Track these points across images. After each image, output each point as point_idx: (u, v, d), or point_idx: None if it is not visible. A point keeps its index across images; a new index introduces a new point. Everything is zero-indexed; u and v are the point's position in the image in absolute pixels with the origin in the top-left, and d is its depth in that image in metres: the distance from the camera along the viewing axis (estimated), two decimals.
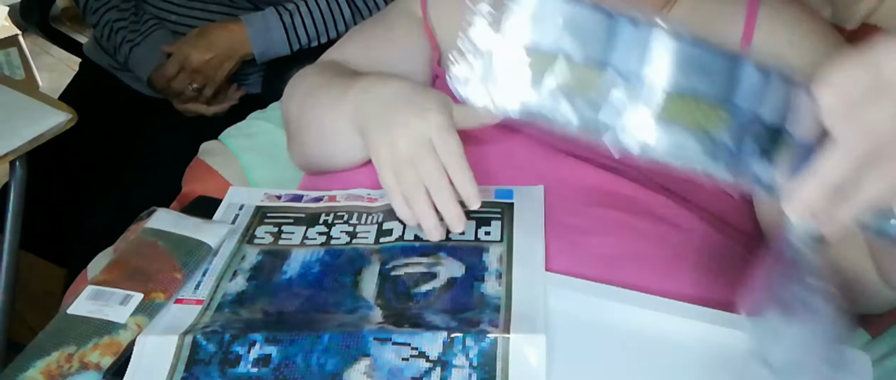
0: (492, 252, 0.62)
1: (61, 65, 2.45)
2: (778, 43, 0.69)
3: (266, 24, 1.23)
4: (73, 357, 0.55)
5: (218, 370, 0.54)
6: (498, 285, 0.59)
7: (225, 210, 0.71)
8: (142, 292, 0.59)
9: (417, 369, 0.53)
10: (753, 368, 0.45)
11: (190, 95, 1.26)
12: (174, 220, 0.67)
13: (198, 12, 1.28)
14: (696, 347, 0.55)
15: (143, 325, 0.57)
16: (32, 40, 2.30)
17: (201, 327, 0.57)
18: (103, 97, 1.34)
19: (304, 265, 0.63)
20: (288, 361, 0.54)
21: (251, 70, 1.34)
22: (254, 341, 0.55)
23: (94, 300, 0.59)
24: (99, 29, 1.29)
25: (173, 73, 1.23)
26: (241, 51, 1.24)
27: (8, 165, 1.01)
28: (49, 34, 1.54)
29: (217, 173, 0.90)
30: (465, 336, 0.53)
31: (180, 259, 0.63)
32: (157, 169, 1.17)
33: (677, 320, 0.57)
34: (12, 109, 1.01)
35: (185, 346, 0.55)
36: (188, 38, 1.24)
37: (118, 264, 0.63)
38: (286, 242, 0.66)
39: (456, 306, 0.57)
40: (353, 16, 1.24)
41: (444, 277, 0.60)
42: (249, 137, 0.96)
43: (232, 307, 0.59)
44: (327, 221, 0.68)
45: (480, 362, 0.52)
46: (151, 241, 0.65)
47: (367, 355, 0.53)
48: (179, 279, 0.61)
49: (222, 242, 0.66)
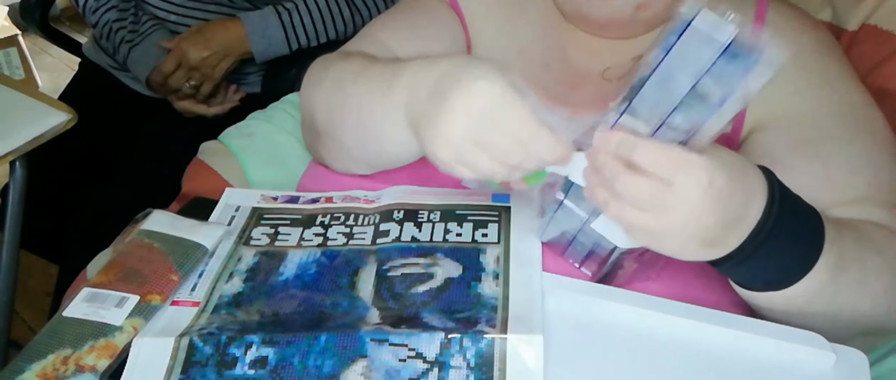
0: (489, 253, 0.62)
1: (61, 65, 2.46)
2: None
3: (265, 23, 1.23)
4: (69, 360, 0.55)
5: (214, 372, 0.53)
6: (495, 286, 0.59)
7: (221, 211, 0.71)
8: (138, 294, 0.59)
9: (415, 369, 0.52)
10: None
11: (187, 92, 1.26)
12: (170, 221, 0.67)
13: (197, 13, 1.27)
14: (693, 346, 0.55)
15: (140, 327, 0.57)
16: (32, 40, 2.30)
17: (198, 328, 0.57)
18: (103, 97, 1.34)
19: (300, 266, 0.63)
20: (285, 362, 0.54)
21: (251, 70, 1.34)
22: (250, 342, 0.55)
23: (90, 303, 0.59)
24: (98, 29, 1.29)
25: (171, 70, 1.23)
26: (239, 49, 1.24)
27: (8, 165, 1.01)
28: (49, 34, 1.54)
29: (216, 173, 0.90)
30: (462, 337, 0.53)
31: (176, 261, 0.63)
32: (157, 169, 1.17)
33: (673, 319, 0.56)
34: (12, 108, 1.01)
35: (182, 348, 0.55)
36: (186, 35, 1.24)
37: (114, 266, 0.62)
38: (283, 244, 0.66)
39: (453, 307, 0.57)
40: (351, 15, 1.24)
41: (441, 278, 0.60)
42: (249, 137, 0.95)
43: (228, 309, 0.59)
44: (324, 222, 0.68)
45: (478, 363, 0.52)
46: (147, 243, 0.65)
47: (364, 356, 0.53)
48: (175, 281, 0.61)
49: (218, 243, 0.66)
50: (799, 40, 0.70)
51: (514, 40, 0.77)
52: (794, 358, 0.55)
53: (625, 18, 0.70)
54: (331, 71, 0.70)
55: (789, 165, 0.64)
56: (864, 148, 0.66)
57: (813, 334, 0.56)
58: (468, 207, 0.67)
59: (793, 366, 0.54)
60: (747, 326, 0.56)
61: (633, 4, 0.68)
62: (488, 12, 0.79)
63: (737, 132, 0.70)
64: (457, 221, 0.66)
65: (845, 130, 0.66)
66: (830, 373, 0.54)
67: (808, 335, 0.55)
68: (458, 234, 0.65)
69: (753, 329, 0.56)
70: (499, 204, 0.68)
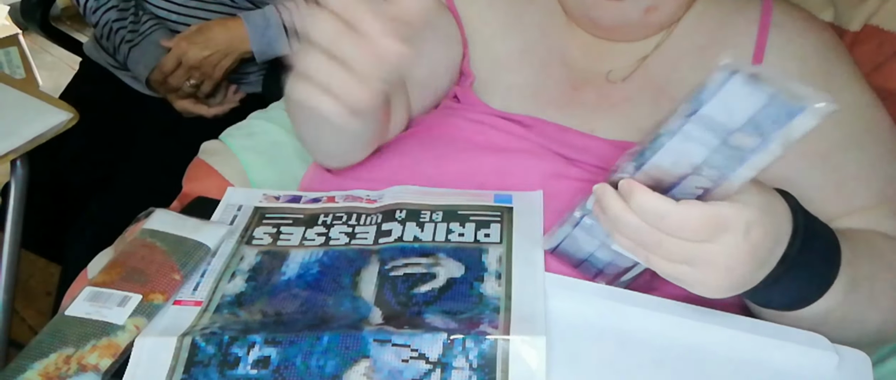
0: (491, 253, 0.62)
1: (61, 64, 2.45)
2: (791, 54, 0.69)
3: (265, 22, 1.23)
4: (71, 359, 0.55)
5: (217, 372, 0.53)
6: (497, 286, 0.59)
7: (223, 211, 0.71)
8: (140, 293, 0.59)
9: (417, 370, 0.52)
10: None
11: (187, 91, 1.26)
12: (172, 220, 0.67)
13: (198, 12, 1.27)
14: (695, 347, 0.55)
15: (142, 326, 0.57)
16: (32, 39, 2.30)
17: (200, 328, 0.57)
18: (103, 97, 1.34)
19: (302, 266, 0.63)
20: (287, 362, 0.53)
21: (251, 69, 1.34)
22: (253, 342, 0.54)
23: (92, 302, 0.59)
24: (98, 29, 1.29)
25: (171, 68, 1.23)
26: (239, 48, 1.24)
27: (8, 165, 1.01)
28: (49, 33, 1.54)
29: (217, 173, 0.90)
30: (465, 338, 0.53)
31: (179, 260, 0.62)
32: (157, 168, 1.17)
33: (676, 320, 0.56)
34: (12, 108, 1.01)
35: (184, 347, 0.55)
36: (187, 33, 1.24)
37: (116, 265, 0.62)
38: (285, 243, 0.66)
39: (455, 307, 0.57)
40: None
41: (444, 278, 0.60)
42: (250, 136, 0.95)
43: (231, 308, 0.59)
44: (326, 222, 0.68)
45: (480, 364, 0.52)
46: (150, 242, 0.64)
47: (366, 356, 0.53)
48: (178, 280, 0.61)
49: (221, 242, 0.66)
50: (804, 42, 0.70)
51: (514, 41, 0.77)
52: (797, 359, 0.54)
53: (634, 22, 0.70)
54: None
55: (797, 174, 0.64)
56: (872, 156, 0.66)
57: (815, 334, 0.56)
58: (470, 207, 0.67)
59: (795, 367, 0.54)
60: (750, 327, 0.56)
61: (643, 8, 0.68)
62: (486, 13, 0.78)
63: None
64: (459, 222, 0.66)
65: (853, 137, 0.66)
66: (833, 374, 0.54)
67: (811, 336, 0.55)
68: (460, 234, 0.64)
69: (756, 330, 0.56)
70: (501, 204, 0.67)
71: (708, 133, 0.44)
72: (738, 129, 0.43)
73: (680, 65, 0.72)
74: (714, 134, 0.44)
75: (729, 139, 0.44)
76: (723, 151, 0.44)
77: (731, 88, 0.43)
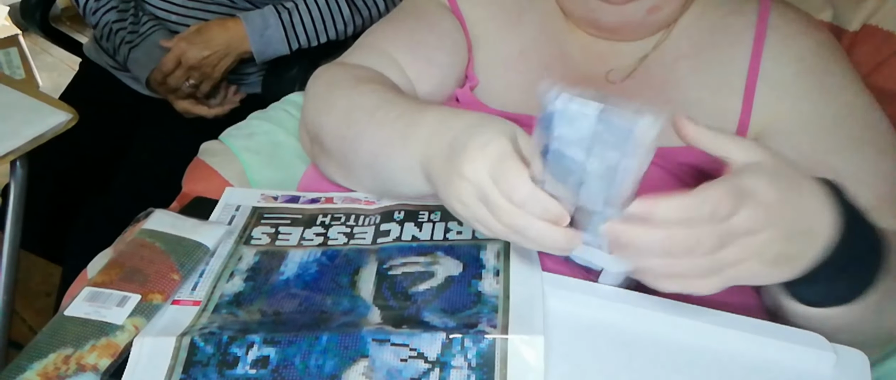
0: (489, 249, 0.62)
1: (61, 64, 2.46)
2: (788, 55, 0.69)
3: (264, 23, 1.23)
4: (70, 359, 0.55)
5: (216, 372, 0.53)
6: (495, 284, 0.59)
7: (221, 211, 0.71)
8: (139, 293, 0.59)
9: (416, 370, 0.52)
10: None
11: (186, 91, 1.26)
12: (171, 221, 0.67)
13: (197, 13, 1.27)
14: (694, 346, 0.55)
15: (141, 326, 0.57)
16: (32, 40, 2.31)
17: (199, 328, 0.57)
18: (103, 97, 1.34)
19: (301, 266, 0.63)
20: (286, 362, 0.54)
21: (251, 70, 1.34)
22: (252, 342, 0.55)
23: (91, 302, 0.59)
24: (98, 30, 1.29)
25: (170, 69, 1.23)
26: (238, 48, 1.24)
27: (8, 165, 1.02)
28: (49, 34, 1.54)
29: (217, 173, 0.90)
30: (463, 337, 0.53)
31: (177, 260, 0.63)
32: (157, 169, 1.17)
33: (674, 319, 0.56)
34: (12, 108, 1.01)
35: (183, 347, 0.55)
36: (186, 34, 1.24)
37: (115, 266, 0.62)
38: (283, 243, 0.66)
39: (454, 305, 0.57)
40: (351, 15, 1.24)
41: (442, 276, 0.60)
42: (250, 137, 0.95)
43: (229, 308, 0.59)
44: (324, 222, 0.68)
45: (479, 363, 0.52)
46: (149, 242, 0.65)
47: (365, 356, 0.53)
48: (176, 280, 0.61)
49: (219, 242, 0.66)
50: (801, 43, 0.70)
51: (514, 42, 0.77)
52: (795, 358, 0.54)
53: (636, 22, 0.70)
54: (339, 97, 0.69)
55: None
56: (869, 157, 0.66)
57: (813, 334, 0.56)
58: None
59: (793, 366, 0.54)
60: (748, 326, 0.56)
61: (645, 8, 0.68)
62: (489, 15, 0.79)
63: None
64: (457, 220, 0.66)
65: (850, 138, 0.66)
66: (831, 373, 0.54)
67: (809, 336, 0.55)
68: (457, 232, 0.65)
69: (754, 329, 0.56)
70: None
71: (573, 147, 0.46)
72: (589, 146, 0.45)
73: (679, 65, 0.72)
74: (578, 148, 0.46)
75: (592, 153, 0.45)
76: (595, 169, 0.46)
77: (562, 110, 0.45)
